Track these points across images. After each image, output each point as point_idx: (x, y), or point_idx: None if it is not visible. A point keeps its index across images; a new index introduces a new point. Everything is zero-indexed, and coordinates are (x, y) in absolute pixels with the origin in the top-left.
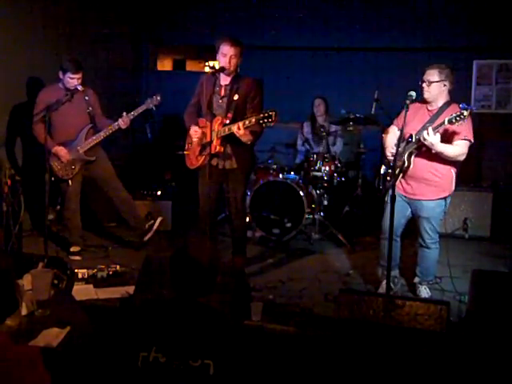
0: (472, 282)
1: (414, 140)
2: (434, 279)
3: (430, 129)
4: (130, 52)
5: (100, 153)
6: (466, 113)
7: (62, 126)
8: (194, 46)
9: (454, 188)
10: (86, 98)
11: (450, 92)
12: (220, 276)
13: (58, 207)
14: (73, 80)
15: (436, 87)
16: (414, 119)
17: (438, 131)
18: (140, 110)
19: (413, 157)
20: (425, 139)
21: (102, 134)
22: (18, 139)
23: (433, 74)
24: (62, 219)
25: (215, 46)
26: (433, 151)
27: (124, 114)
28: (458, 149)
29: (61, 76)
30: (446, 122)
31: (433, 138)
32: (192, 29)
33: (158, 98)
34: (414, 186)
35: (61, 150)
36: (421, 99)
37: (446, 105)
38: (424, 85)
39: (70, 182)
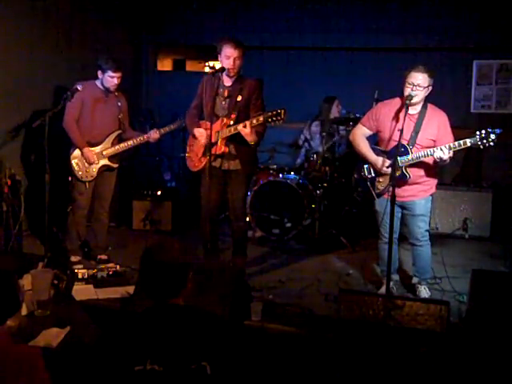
0: (472, 282)
1: (411, 152)
2: (432, 277)
3: (446, 150)
4: (130, 52)
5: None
6: (493, 136)
7: (89, 126)
8: (193, 45)
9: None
10: (119, 103)
11: None
12: (191, 272)
13: (70, 208)
14: (113, 79)
15: (425, 92)
16: (391, 119)
17: (454, 149)
18: (172, 126)
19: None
20: (441, 158)
21: (130, 143)
22: (18, 140)
23: (424, 79)
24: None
25: (217, 46)
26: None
27: (155, 128)
28: (452, 153)
29: (100, 75)
30: (469, 144)
31: (447, 157)
32: (192, 29)
33: None
34: (405, 189)
35: (90, 153)
36: (401, 98)
37: (424, 107)
38: (415, 88)
39: (87, 184)
